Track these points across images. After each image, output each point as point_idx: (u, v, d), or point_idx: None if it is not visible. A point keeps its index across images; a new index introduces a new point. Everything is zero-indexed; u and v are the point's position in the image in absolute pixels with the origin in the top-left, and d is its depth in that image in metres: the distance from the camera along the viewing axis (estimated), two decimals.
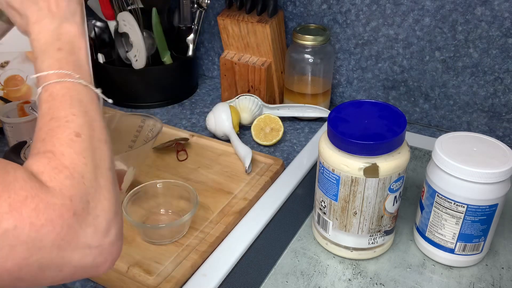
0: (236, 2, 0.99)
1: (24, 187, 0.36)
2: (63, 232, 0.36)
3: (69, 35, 0.49)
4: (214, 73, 1.21)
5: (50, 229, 0.35)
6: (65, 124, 0.42)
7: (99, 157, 0.42)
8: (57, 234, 0.36)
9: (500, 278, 0.62)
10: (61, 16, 0.49)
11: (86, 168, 0.40)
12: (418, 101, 0.97)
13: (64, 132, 0.42)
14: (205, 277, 0.62)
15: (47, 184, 0.37)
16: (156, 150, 0.87)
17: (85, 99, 0.45)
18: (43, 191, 0.36)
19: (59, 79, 0.45)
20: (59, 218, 0.36)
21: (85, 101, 0.45)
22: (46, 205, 0.36)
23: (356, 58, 1.00)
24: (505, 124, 0.90)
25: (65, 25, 0.49)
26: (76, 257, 0.38)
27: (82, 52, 0.49)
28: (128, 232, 0.69)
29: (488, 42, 0.85)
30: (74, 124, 0.42)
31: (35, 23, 0.49)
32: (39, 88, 0.45)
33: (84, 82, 0.46)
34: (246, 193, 0.76)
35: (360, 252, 0.65)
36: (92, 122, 0.44)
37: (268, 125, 0.92)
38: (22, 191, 0.35)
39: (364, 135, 0.58)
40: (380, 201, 0.60)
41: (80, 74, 0.47)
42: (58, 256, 0.36)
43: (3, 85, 0.95)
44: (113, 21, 1.01)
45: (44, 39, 0.48)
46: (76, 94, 0.45)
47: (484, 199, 0.58)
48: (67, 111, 0.43)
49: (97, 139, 0.44)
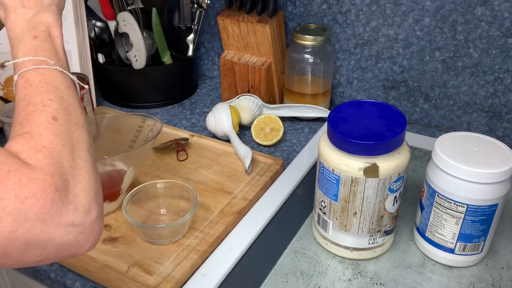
0: (236, 2, 0.99)
1: (6, 162, 0.37)
2: (46, 206, 0.37)
3: (45, 24, 0.49)
4: (214, 73, 1.21)
5: (34, 201, 0.36)
6: (42, 108, 0.43)
7: (76, 139, 0.43)
8: (41, 206, 0.37)
9: (500, 278, 0.62)
10: (37, 6, 0.50)
11: (64, 149, 0.41)
12: (418, 101, 0.97)
13: (41, 115, 0.42)
14: (205, 277, 0.62)
15: (28, 162, 0.38)
16: (156, 150, 0.87)
17: (61, 85, 0.46)
18: (25, 167, 0.37)
19: (34, 66, 0.46)
20: (42, 191, 0.37)
21: (61, 87, 0.46)
22: (29, 179, 0.37)
23: (356, 58, 1.00)
24: (505, 124, 0.90)
25: (41, 15, 0.50)
26: (59, 234, 0.38)
27: (58, 40, 0.50)
28: (128, 232, 0.69)
29: (488, 42, 0.85)
30: (51, 109, 0.43)
31: (11, 11, 0.49)
32: (15, 75, 0.46)
33: (59, 69, 0.47)
34: (246, 193, 0.76)
35: (360, 252, 0.65)
36: (68, 107, 0.45)
37: (268, 125, 0.92)
38: (4, 166, 0.36)
39: (364, 135, 0.58)
40: (380, 201, 0.60)
41: (56, 61, 0.47)
42: (42, 231, 0.37)
43: (3, 85, 0.95)
44: (113, 21, 1.01)
45: (19, 27, 0.49)
46: (51, 80, 0.46)
47: (484, 199, 0.58)
48: (43, 96, 0.44)
49: (74, 123, 0.44)
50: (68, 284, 0.63)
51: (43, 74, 0.46)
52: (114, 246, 0.66)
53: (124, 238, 0.67)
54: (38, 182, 0.37)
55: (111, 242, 0.67)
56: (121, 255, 0.64)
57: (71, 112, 0.45)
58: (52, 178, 0.38)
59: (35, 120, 0.42)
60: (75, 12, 0.95)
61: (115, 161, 0.71)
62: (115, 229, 0.69)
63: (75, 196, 0.40)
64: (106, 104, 1.08)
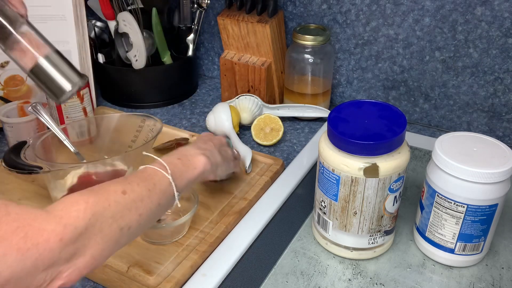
0: (236, 2, 0.99)
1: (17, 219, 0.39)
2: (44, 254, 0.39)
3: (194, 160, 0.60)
4: (214, 73, 1.21)
5: (34, 252, 0.39)
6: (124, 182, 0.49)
7: (125, 219, 0.46)
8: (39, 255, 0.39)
9: (500, 278, 0.62)
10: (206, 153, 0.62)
11: (103, 212, 0.44)
12: (418, 101, 0.97)
13: (117, 186, 0.48)
14: (205, 277, 0.62)
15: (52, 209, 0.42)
16: (156, 150, 0.87)
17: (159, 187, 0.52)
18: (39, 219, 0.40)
19: (156, 167, 0.54)
20: (45, 242, 0.39)
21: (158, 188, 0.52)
22: (36, 231, 0.39)
23: (356, 58, 1.00)
24: (505, 124, 0.90)
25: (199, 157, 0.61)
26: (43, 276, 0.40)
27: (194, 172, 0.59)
28: None
29: (488, 42, 0.85)
30: (129, 186, 0.48)
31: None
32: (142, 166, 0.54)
33: (170, 179, 0.54)
34: (246, 193, 0.76)
35: (360, 252, 0.65)
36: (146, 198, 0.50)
37: (268, 125, 0.92)
38: (14, 223, 0.39)
39: (364, 135, 0.58)
40: (380, 201, 0.60)
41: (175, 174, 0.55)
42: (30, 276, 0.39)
43: (3, 85, 0.95)
44: (113, 21, 1.01)
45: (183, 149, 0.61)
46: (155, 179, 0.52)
47: (484, 199, 0.58)
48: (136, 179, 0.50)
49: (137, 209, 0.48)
50: None
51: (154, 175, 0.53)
52: None
53: None
54: (44, 233, 0.39)
55: None
56: (121, 255, 0.64)
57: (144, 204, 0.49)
58: (63, 228, 0.41)
59: (109, 186, 0.47)
60: (75, 12, 0.95)
61: (115, 161, 0.71)
62: None
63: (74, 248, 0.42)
64: (106, 104, 1.08)
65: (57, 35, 0.94)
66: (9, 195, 0.76)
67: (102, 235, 0.44)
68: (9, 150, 0.66)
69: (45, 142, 0.72)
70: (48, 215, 0.41)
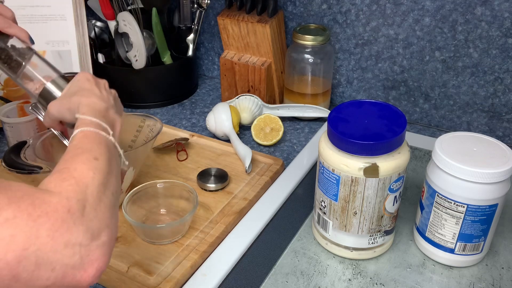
0: (236, 2, 0.99)
1: (21, 189, 0.39)
2: (57, 224, 0.39)
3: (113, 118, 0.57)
4: (214, 73, 1.21)
5: (45, 219, 0.38)
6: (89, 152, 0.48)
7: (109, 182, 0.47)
8: (52, 224, 0.39)
9: (500, 278, 0.62)
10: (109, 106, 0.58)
11: (92, 182, 0.45)
12: (418, 101, 0.97)
13: (85, 155, 0.47)
14: (205, 277, 0.62)
15: (49, 189, 0.41)
16: (156, 150, 0.87)
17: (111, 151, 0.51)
18: (41, 192, 0.40)
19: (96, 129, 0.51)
20: (54, 212, 0.39)
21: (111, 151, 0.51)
22: (42, 201, 0.39)
23: (356, 58, 1.00)
24: (505, 124, 0.90)
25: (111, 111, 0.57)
26: (67, 254, 0.40)
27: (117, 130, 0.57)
28: (128, 232, 0.69)
29: (488, 42, 0.85)
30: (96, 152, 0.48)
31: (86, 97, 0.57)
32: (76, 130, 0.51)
33: (113, 141, 0.53)
34: (246, 193, 0.76)
35: (360, 252, 0.65)
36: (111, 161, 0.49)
37: (268, 125, 0.92)
38: (19, 192, 0.39)
39: (364, 135, 0.58)
40: (380, 201, 0.60)
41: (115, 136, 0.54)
42: (52, 249, 0.39)
43: (3, 85, 0.95)
44: (113, 21, 1.01)
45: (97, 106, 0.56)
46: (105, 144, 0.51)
47: (484, 199, 0.58)
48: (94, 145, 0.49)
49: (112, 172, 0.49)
50: None
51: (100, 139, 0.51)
52: (114, 246, 0.66)
53: (124, 238, 0.67)
54: (51, 204, 0.39)
55: None
56: (121, 255, 0.64)
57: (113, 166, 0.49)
58: (67, 200, 0.41)
59: (78, 158, 0.47)
60: (75, 12, 0.95)
61: None
62: None
63: (88, 221, 0.42)
64: None
65: (57, 35, 0.94)
66: None
67: (102, 203, 0.44)
68: (9, 150, 0.66)
69: (45, 142, 0.72)
70: (46, 192, 0.41)
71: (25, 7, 0.90)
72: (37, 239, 0.37)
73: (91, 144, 0.49)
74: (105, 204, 0.45)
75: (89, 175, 0.45)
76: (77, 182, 0.43)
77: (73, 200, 0.41)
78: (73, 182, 0.43)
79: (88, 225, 0.41)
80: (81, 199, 0.42)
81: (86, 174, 0.45)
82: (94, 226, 0.42)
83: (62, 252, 0.39)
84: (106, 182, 0.46)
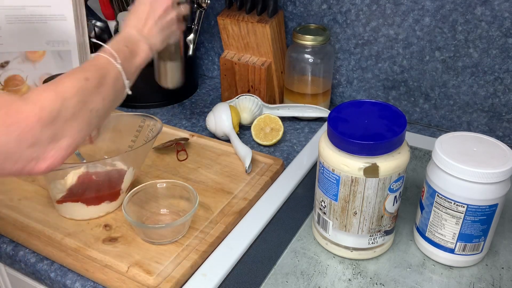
0: (236, 2, 0.99)
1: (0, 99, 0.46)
2: (25, 130, 0.46)
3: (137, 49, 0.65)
4: (214, 73, 1.21)
5: (16, 127, 0.46)
6: (83, 72, 0.54)
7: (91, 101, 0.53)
8: (21, 131, 0.46)
9: (500, 278, 0.62)
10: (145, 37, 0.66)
11: (72, 97, 0.50)
12: (418, 101, 0.97)
13: (77, 74, 0.53)
14: (205, 277, 0.62)
15: (27, 97, 0.48)
16: (156, 150, 0.87)
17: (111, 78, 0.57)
18: (18, 101, 0.47)
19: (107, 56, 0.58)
20: (24, 119, 0.46)
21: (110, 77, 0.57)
22: (15, 111, 0.46)
23: (356, 58, 1.00)
24: (505, 124, 0.90)
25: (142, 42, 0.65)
26: (29, 153, 0.48)
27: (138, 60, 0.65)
28: (128, 232, 0.69)
29: (488, 42, 0.85)
30: (89, 74, 0.54)
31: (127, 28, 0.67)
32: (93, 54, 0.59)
33: (120, 68, 0.59)
34: (246, 193, 0.76)
35: (360, 252, 0.65)
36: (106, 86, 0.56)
37: (268, 125, 0.92)
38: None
39: (364, 135, 0.58)
40: (380, 201, 0.60)
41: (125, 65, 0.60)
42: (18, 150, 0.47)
43: (3, 85, 0.95)
44: (113, 21, 1.01)
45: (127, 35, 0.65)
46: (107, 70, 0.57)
47: (484, 199, 0.58)
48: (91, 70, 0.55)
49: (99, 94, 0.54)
50: (68, 284, 0.63)
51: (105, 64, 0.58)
52: (114, 246, 0.66)
53: (124, 238, 0.67)
54: (23, 112, 0.46)
55: (111, 242, 0.67)
56: (121, 255, 0.64)
57: (104, 89, 0.55)
58: (39, 110, 0.47)
59: (70, 76, 0.52)
60: (75, 12, 0.95)
61: (115, 161, 0.71)
62: (115, 229, 0.69)
63: (54, 129, 0.49)
64: None
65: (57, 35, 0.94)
66: (9, 195, 0.76)
67: (75, 117, 0.51)
68: None
69: None
70: (23, 100, 0.47)
71: (25, 7, 0.90)
72: (7, 142, 0.46)
73: (91, 67, 0.55)
74: (78, 119, 0.51)
75: (71, 91, 0.50)
76: (56, 94, 0.49)
77: (46, 109, 0.48)
78: (52, 94, 0.49)
79: (53, 132, 0.49)
80: (54, 109, 0.48)
81: (69, 90, 0.50)
82: (58, 133, 0.49)
83: (25, 151, 0.47)
84: (87, 101, 0.52)
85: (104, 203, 0.71)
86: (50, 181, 0.70)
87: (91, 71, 0.55)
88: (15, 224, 0.70)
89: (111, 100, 0.58)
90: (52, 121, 0.48)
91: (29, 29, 0.90)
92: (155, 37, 0.68)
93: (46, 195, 0.75)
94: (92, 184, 0.71)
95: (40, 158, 0.49)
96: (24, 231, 0.69)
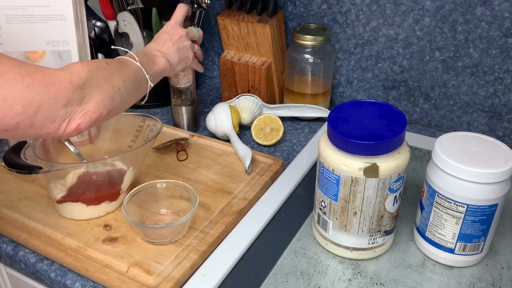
0: (236, 2, 0.99)
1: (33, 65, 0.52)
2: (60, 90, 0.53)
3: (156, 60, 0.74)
4: (214, 73, 1.21)
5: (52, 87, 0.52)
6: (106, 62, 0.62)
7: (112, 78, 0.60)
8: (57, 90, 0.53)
9: (500, 278, 0.62)
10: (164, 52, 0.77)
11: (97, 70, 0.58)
12: (418, 101, 0.97)
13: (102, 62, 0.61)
14: (205, 277, 0.62)
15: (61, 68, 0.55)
16: (156, 150, 0.87)
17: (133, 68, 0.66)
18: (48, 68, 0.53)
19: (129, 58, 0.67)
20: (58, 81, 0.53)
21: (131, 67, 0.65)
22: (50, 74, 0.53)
23: (356, 58, 1.00)
24: (505, 124, 0.90)
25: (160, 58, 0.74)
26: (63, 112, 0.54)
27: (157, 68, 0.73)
28: (128, 232, 0.69)
29: (488, 42, 0.85)
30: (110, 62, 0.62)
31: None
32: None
33: (139, 65, 0.67)
34: (246, 193, 0.76)
35: (360, 252, 0.65)
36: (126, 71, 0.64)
37: (268, 125, 0.92)
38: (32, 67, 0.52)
39: (364, 135, 0.58)
40: (380, 201, 0.60)
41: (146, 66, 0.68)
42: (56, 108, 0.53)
43: None
44: (113, 21, 1.01)
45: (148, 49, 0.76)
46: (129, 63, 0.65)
47: (484, 199, 0.58)
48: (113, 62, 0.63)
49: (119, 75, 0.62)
50: (68, 284, 0.63)
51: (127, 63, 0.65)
52: (114, 246, 0.66)
53: (124, 238, 0.67)
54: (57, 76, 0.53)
55: (111, 242, 0.67)
56: (121, 255, 0.64)
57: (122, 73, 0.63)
58: (70, 75, 0.54)
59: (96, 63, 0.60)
60: (75, 12, 0.95)
61: (115, 161, 0.71)
62: (115, 229, 0.69)
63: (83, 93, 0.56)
64: None
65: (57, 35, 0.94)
66: (9, 195, 0.76)
67: (100, 88, 0.58)
68: (9, 150, 0.66)
69: (45, 142, 0.72)
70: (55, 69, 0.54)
71: (25, 7, 0.90)
72: (47, 100, 0.52)
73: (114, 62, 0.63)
74: (103, 90, 0.58)
75: (95, 66, 0.58)
76: (83, 66, 0.57)
77: (76, 75, 0.55)
78: (80, 65, 0.57)
79: (82, 95, 0.55)
80: (82, 76, 0.55)
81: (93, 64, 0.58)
82: (86, 97, 0.56)
83: (60, 111, 0.53)
84: (109, 77, 0.59)
85: (104, 203, 0.71)
86: (50, 181, 0.70)
87: (112, 62, 0.62)
88: (15, 224, 0.70)
89: (132, 85, 0.64)
90: (82, 86, 0.55)
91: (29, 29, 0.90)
92: (172, 54, 0.76)
93: (46, 195, 0.75)
94: (92, 184, 0.71)
95: (72, 118, 0.55)
96: (24, 231, 0.69)
